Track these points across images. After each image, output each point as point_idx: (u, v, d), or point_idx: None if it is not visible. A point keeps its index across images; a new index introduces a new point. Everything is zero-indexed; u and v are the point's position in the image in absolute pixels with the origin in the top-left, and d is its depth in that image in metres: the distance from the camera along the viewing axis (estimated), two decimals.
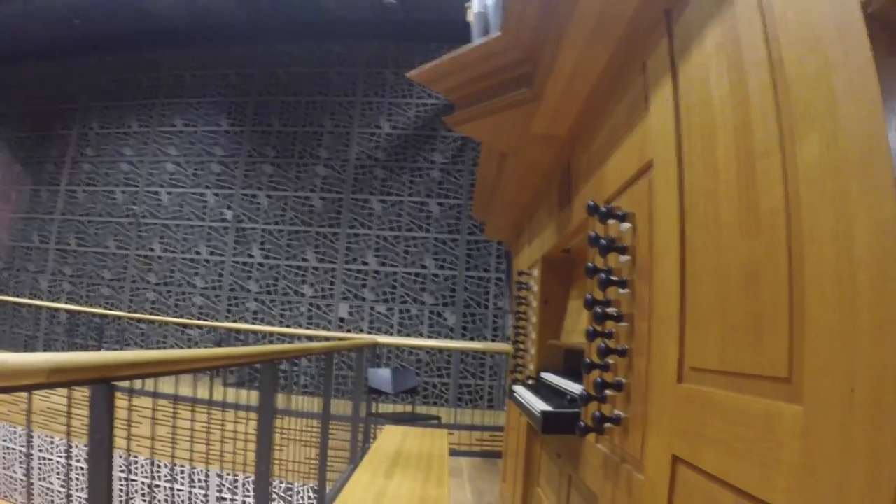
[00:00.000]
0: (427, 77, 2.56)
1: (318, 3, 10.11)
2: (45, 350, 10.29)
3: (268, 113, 10.77)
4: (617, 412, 1.44)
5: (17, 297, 10.90)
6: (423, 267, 9.84)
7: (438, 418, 6.33)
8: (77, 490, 7.14)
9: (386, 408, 7.34)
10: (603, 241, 1.50)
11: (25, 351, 9.81)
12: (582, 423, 1.55)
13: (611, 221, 1.56)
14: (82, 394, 1.69)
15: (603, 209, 1.54)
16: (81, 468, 7.39)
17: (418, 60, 2.54)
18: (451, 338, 9.51)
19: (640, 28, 1.46)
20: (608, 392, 1.49)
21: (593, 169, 1.92)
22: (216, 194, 10.65)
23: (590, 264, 1.58)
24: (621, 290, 1.48)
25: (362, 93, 10.52)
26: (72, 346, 10.07)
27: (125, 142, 11.33)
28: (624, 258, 1.48)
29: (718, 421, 0.94)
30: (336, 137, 10.48)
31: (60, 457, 7.93)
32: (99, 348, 9.77)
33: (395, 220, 10.03)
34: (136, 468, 7.53)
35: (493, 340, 9.40)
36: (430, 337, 9.53)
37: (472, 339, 9.49)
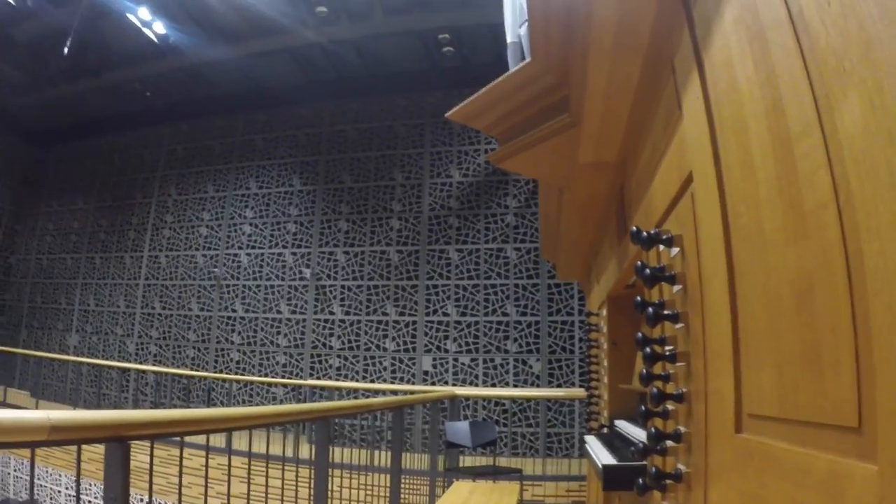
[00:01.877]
0: (465, 114, 2.44)
1: (376, 57, 10.27)
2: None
3: (339, 170, 10.93)
4: (679, 466, 1.24)
5: (106, 359, 11.27)
6: (505, 314, 9.65)
7: (519, 470, 6.05)
8: None
9: (469, 461, 7.11)
10: (648, 271, 1.31)
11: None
12: (640, 481, 1.35)
13: (660, 248, 1.37)
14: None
15: (645, 235, 1.35)
16: None
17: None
18: (538, 385, 9.23)
19: (662, 25, 1.30)
20: (668, 443, 1.28)
21: (643, 192, 1.74)
22: (294, 253, 10.81)
23: (638, 298, 1.39)
24: (675, 325, 1.28)
25: (430, 143, 10.55)
26: (159, 407, 10.31)
27: (203, 206, 11.71)
28: (676, 288, 1.29)
29: (778, 481, 0.74)
30: (408, 189, 10.51)
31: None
32: (186, 408, 9.91)
33: (474, 269, 9.91)
34: None
35: (581, 386, 9.07)
36: (516, 385, 9.28)
37: (559, 385, 9.18)
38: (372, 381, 9.82)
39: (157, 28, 9.66)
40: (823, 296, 0.64)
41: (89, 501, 8.87)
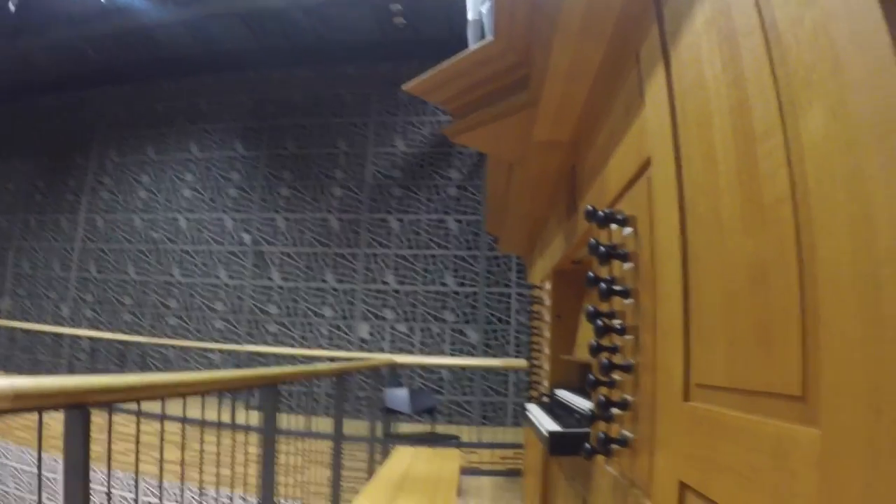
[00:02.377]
0: (423, 88, 2.47)
1: (329, 25, 10.12)
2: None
3: (283, 136, 10.78)
4: (624, 432, 1.33)
5: (40, 324, 10.96)
6: (444, 284, 9.74)
7: (457, 437, 6.19)
8: None
9: (406, 428, 7.22)
10: (602, 248, 1.39)
11: None
12: (587, 445, 1.43)
13: (612, 227, 1.44)
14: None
15: (601, 214, 1.42)
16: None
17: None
18: (474, 355, 9.38)
19: (630, 16, 1.36)
20: (614, 411, 1.37)
21: (596, 173, 1.81)
22: (234, 219, 10.66)
23: (590, 274, 1.47)
24: (625, 301, 1.36)
25: (376, 113, 10.50)
26: (94, 372, 10.09)
27: (142, 170, 11.41)
28: (626, 266, 1.37)
29: (727, 445, 0.82)
30: (352, 158, 10.45)
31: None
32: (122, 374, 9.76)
33: (414, 238, 9.95)
34: (147, 489, 7.45)
35: (516, 356, 9.25)
36: (452, 355, 9.41)
37: (494, 355, 9.35)
38: (309, 348, 9.81)
39: None
40: (777, 281, 0.71)
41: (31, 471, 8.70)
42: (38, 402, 1.28)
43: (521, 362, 7.42)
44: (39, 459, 1.47)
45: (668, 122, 1.11)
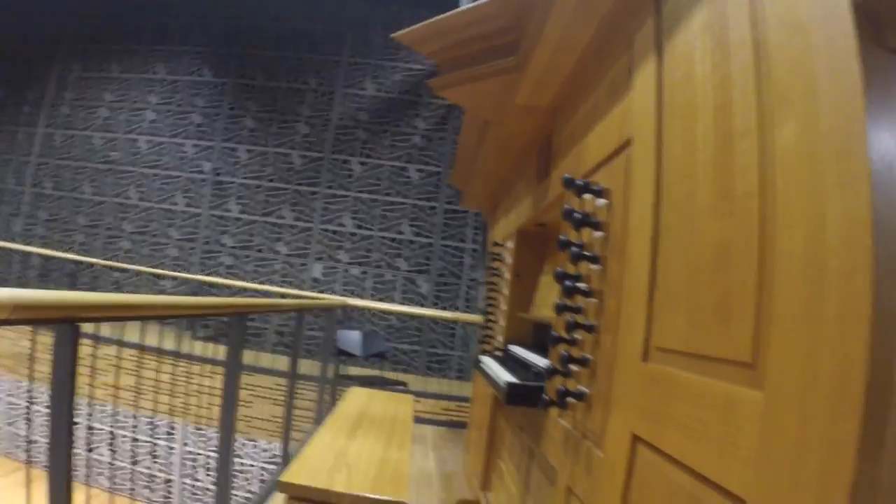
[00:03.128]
0: (412, 38, 2.52)
1: None
2: None
3: (252, 66, 10.59)
4: (581, 388, 1.44)
5: None
6: (400, 233, 9.81)
7: (405, 384, 6.35)
8: (42, 435, 7.10)
9: (355, 371, 7.36)
10: (577, 215, 1.49)
11: None
12: (545, 397, 1.55)
13: (587, 196, 1.55)
14: (46, 338, 1.67)
15: (579, 183, 1.53)
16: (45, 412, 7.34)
17: (407, 24, 2.49)
18: (424, 306, 9.52)
19: (628, 3, 1.44)
20: (573, 367, 1.48)
21: (573, 143, 1.90)
22: (196, 145, 10.50)
23: (562, 237, 1.57)
24: (593, 266, 1.47)
25: (348, 53, 10.38)
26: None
27: (105, 87, 11.11)
28: (598, 234, 1.48)
29: (680, 402, 0.94)
30: (319, 96, 10.34)
31: (24, 401, 7.88)
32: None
33: (375, 184, 9.96)
34: (101, 417, 7.50)
35: (465, 311, 9.42)
36: (402, 303, 9.52)
37: (444, 308, 9.50)
38: (261, 283, 9.83)
39: None
40: (738, 261, 0.83)
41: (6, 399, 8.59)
42: (35, 314, 1.32)
43: (474, 317, 7.58)
44: (31, 378, 1.53)
45: (654, 108, 1.20)
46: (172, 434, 6.86)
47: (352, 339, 6.24)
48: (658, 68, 1.21)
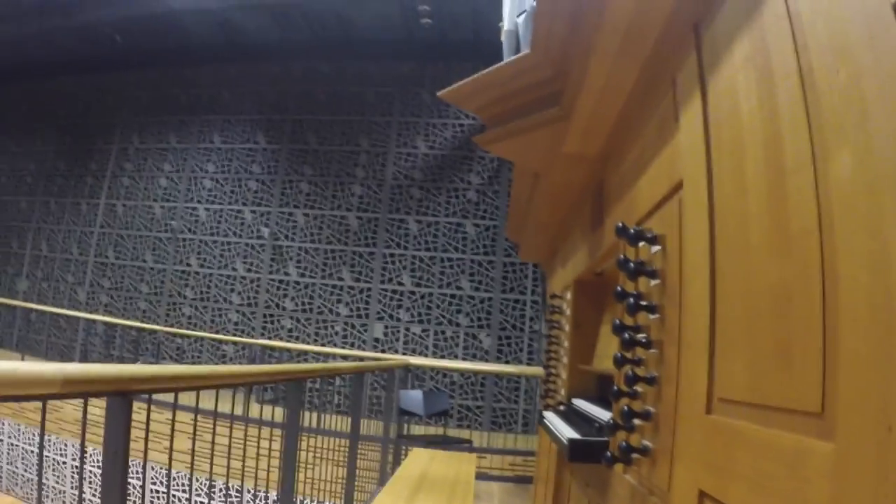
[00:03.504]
0: (457, 96, 2.53)
1: (353, 22, 10.22)
2: (81, 362, 10.50)
3: (305, 131, 10.88)
4: (645, 442, 1.38)
5: (56, 307, 11.12)
6: (459, 288, 9.80)
7: (470, 442, 6.25)
8: (92, 495, 7.18)
9: (419, 430, 7.28)
10: (632, 265, 1.45)
11: (62, 361, 9.98)
12: (608, 453, 1.49)
13: (641, 244, 1.50)
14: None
15: (632, 231, 1.48)
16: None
17: (454, 80, 2.51)
18: (486, 360, 9.43)
19: (668, 43, 1.41)
20: (636, 421, 1.42)
21: (624, 190, 1.87)
22: (253, 211, 10.77)
23: (619, 288, 1.52)
24: (651, 316, 1.42)
25: (399, 112, 10.58)
26: (108, 358, 10.25)
27: (164, 157, 11.55)
28: (654, 282, 1.43)
29: (746, 456, 0.88)
30: (373, 157, 10.53)
31: (77, 461, 8.01)
32: (135, 361, 9.91)
33: (432, 241, 10.02)
34: (158, 478, 7.55)
35: (528, 364, 9.30)
36: (464, 359, 9.46)
37: (507, 362, 9.40)
38: (323, 345, 9.90)
39: None
40: (800, 303, 0.77)
41: (31, 450, 8.81)
42: (85, 388, 1.34)
43: (537, 370, 7.47)
44: (83, 446, 1.54)
45: (703, 147, 1.16)
46: (232, 497, 6.86)
47: (414, 398, 6.19)
48: (703, 106, 1.17)
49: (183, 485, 7.15)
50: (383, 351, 9.71)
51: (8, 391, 1.17)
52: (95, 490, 7.31)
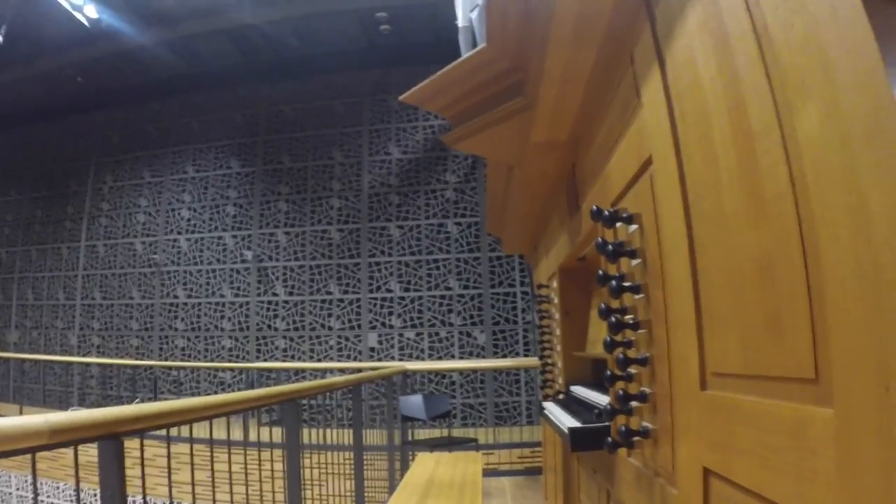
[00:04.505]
0: (419, 97, 2.50)
1: (313, 38, 10.16)
2: (80, 405, 10.41)
3: (277, 151, 10.81)
4: (645, 424, 1.36)
5: (49, 354, 11.01)
6: (448, 288, 9.77)
7: (475, 440, 6.22)
8: None
9: (424, 434, 7.24)
10: (610, 247, 1.43)
11: (61, 407, 9.92)
12: (610, 439, 1.47)
13: (618, 225, 1.48)
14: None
15: (607, 213, 1.46)
16: None
17: (420, 83, 2.48)
18: (483, 357, 9.41)
19: (621, 19, 1.39)
20: (633, 404, 1.40)
21: (597, 172, 1.84)
22: (234, 236, 10.69)
23: (600, 271, 1.50)
24: (636, 296, 1.40)
25: (369, 121, 10.53)
26: (106, 399, 10.15)
27: (139, 192, 11.46)
28: (635, 262, 1.41)
29: (747, 429, 0.85)
30: (347, 168, 10.48)
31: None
32: (132, 399, 9.81)
33: (415, 245, 9.98)
34: None
35: (525, 355, 9.28)
36: (461, 358, 9.43)
37: (503, 356, 9.38)
38: (319, 361, 9.84)
39: (89, 12, 9.29)
40: (783, 270, 0.75)
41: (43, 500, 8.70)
42: (73, 436, 1.32)
43: (533, 361, 7.45)
44: (78, 492, 1.51)
45: (667, 121, 1.14)
46: None
47: (415, 403, 6.15)
48: (663, 78, 1.15)
49: None
50: (380, 359, 9.67)
51: None
52: None
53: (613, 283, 1.41)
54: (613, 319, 1.41)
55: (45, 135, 12.64)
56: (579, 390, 2.56)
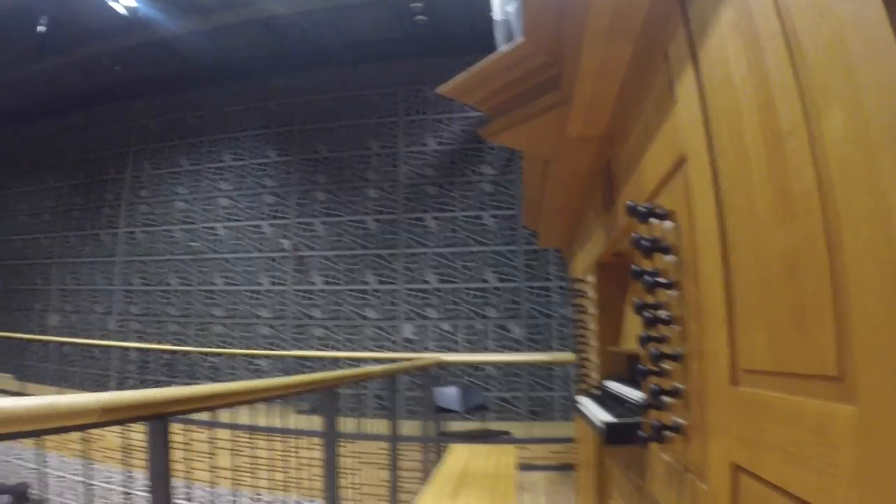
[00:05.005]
0: (456, 91, 2.52)
1: (349, 26, 10.21)
2: (118, 389, 10.63)
3: (313, 140, 10.90)
4: (677, 419, 1.37)
5: (88, 338, 11.31)
6: (484, 281, 9.78)
7: (509, 433, 6.24)
8: None
9: (458, 426, 7.28)
10: (645, 243, 1.43)
11: (99, 391, 10.12)
12: (641, 434, 1.48)
13: (653, 221, 1.49)
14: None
15: (642, 209, 1.47)
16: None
17: (455, 74, 2.50)
18: (518, 350, 9.40)
19: (656, 17, 1.40)
20: (666, 399, 1.41)
21: (632, 168, 1.85)
22: (272, 225, 10.82)
23: (634, 267, 1.51)
24: (670, 292, 1.41)
25: (404, 112, 10.56)
26: (144, 383, 10.36)
27: (178, 181, 11.67)
28: (669, 258, 1.41)
29: (774, 425, 0.87)
30: (384, 159, 10.53)
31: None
32: (170, 384, 10.01)
33: (451, 237, 10.00)
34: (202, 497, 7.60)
35: (560, 350, 9.26)
36: (496, 351, 9.44)
37: (539, 350, 9.37)
38: (354, 350, 9.92)
39: (126, 1, 9.50)
40: (808, 266, 0.76)
41: (77, 479, 8.93)
42: (123, 415, 1.37)
43: (568, 356, 7.44)
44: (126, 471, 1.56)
45: (701, 119, 1.15)
46: None
47: (449, 395, 6.19)
48: (697, 77, 1.16)
49: (229, 501, 7.22)
50: (415, 351, 9.71)
51: (49, 424, 1.19)
52: None
53: (648, 278, 1.42)
54: (648, 314, 1.43)
55: (83, 123, 12.94)
56: (613, 385, 2.56)
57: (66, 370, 11.20)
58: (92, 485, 8.71)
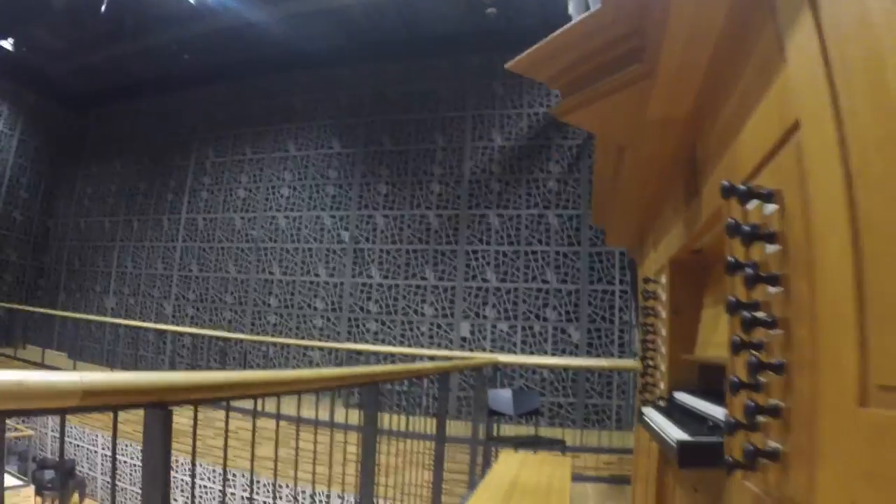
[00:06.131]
0: (527, 64, 2.32)
1: (418, 19, 10.11)
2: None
3: (379, 133, 10.85)
4: (772, 444, 1.14)
5: (145, 321, 11.51)
6: (545, 282, 9.54)
7: (562, 442, 5.99)
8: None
9: (509, 430, 7.06)
10: (746, 228, 1.20)
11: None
12: (729, 458, 1.25)
13: (752, 204, 1.25)
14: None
15: (742, 189, 1.24)
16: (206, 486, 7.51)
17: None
18: (576, 355, 9.14)
19: None
20: (761, 418, 1.18)
21: (723, 148, 1.62)
22: (332, 216, 10.81)
23: (731, 258, 1.27)
24: (772, 289, 1.17)
25: (472, 106, 10.40)
26: (194, 368, 10.46)
27: (241, 169, 11.79)
28: (772, 248, 1.18)
29: None
30: (449, 153, 10.39)
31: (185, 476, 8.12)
32: (222, 370, 10.06)
33: (514, 234, 9.80)
34: (253, 487, 7.58)
35: (619, 356, 8.95)
36: (553, 354, 9.19)
37: (597, 355, 9.08)
38: (409, 346, 9.81)
39: None
40: None
41: (124, 461, 9.04)
42: (111, 400, 1.22)
43: (630, 362, 7.14)
44: (114, 458, 1.41)
45: (823, 74, 0.93)
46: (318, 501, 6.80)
47: (503, 398, 5.98)
48: (816, 24, 0.94)
49: (267, 492, 7.16)
50: (471, 350, 9.54)
51: (15, 405, 1.02)
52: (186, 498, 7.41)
53: (749, 270, 1.18)
54: (746, 315, 1.19)
55: (149, 109, 13.22)
56: (684, 397, 2.32)
57: (119, 352, 11.40)
58: (136, 465, 8.80)
